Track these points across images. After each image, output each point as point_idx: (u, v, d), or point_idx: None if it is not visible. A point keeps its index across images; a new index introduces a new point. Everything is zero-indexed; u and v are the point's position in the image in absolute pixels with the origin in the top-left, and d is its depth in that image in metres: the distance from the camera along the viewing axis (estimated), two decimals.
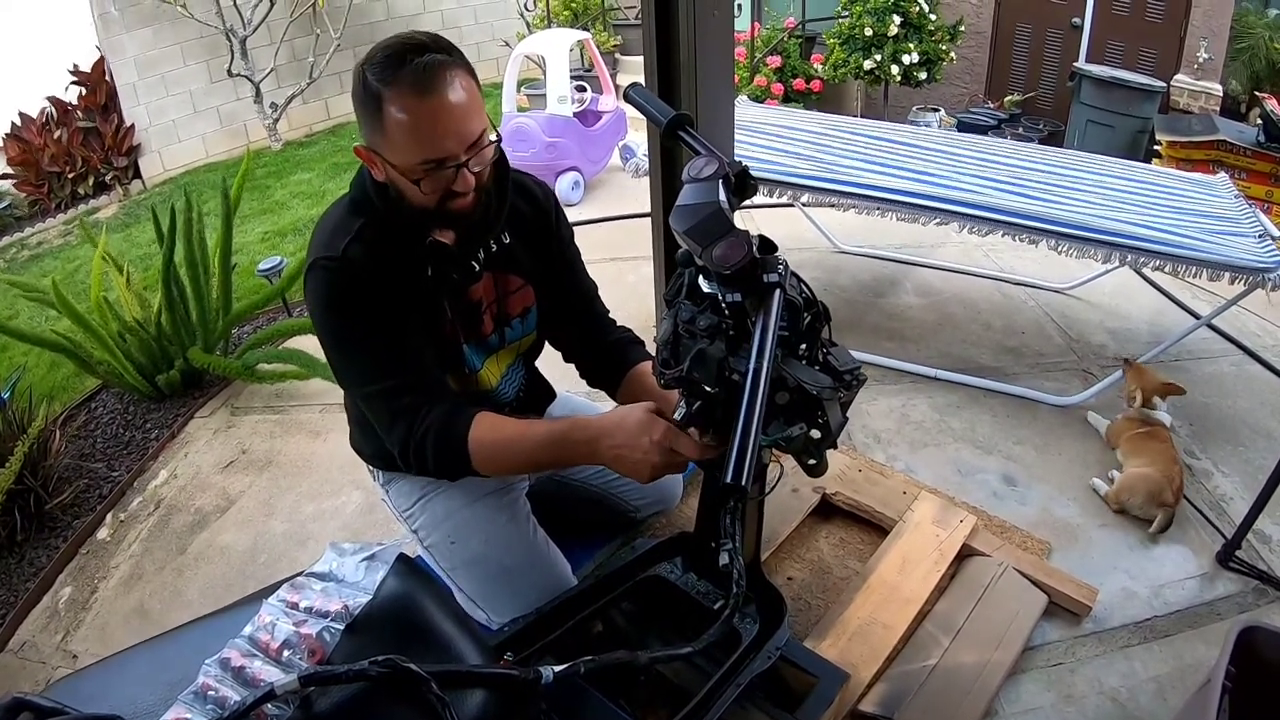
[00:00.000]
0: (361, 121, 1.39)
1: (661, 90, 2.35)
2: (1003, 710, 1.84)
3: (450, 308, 1.58)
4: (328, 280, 1.45)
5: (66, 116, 6.02)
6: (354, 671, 0.97)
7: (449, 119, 1.34)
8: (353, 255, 1.44)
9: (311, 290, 1.48)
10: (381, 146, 1.38)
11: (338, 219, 1.50)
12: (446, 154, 1.36)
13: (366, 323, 1.47)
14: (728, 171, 1.25)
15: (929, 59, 6.17)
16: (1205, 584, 2.17)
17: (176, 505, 2.66)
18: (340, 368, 1.54)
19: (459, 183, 1.39)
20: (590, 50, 5.60)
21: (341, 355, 1.52)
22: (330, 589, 1.19)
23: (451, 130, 1.35)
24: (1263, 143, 4.62)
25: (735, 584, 1.14)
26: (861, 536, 2.28)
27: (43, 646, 2.21)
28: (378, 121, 1.35)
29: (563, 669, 1.09)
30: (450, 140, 1.35)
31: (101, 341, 2.97)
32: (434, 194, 1.39)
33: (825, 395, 1.18)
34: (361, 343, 1.49)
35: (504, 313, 1.69)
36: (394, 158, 1.37)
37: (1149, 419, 2.53)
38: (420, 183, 1.37)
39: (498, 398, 1.77)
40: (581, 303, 1.81)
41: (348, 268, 1.44)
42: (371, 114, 1.35)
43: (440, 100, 1.32)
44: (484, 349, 1.69)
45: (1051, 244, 2.61)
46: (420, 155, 1.35)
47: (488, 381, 1.72)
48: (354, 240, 1.45)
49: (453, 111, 1.34)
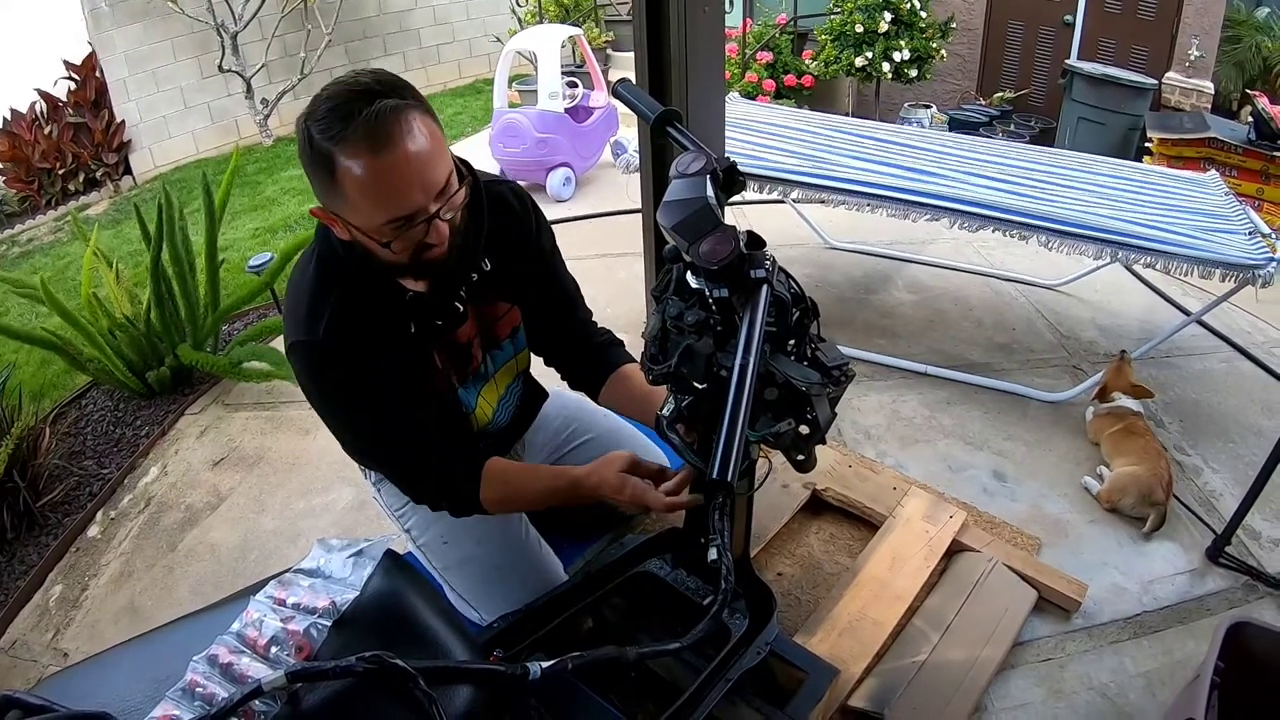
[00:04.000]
0: (314, 182, 1.27)
1: (652, 86, 2.34)
2: (992, 706, 1.84)
3: (439, 357, 1.55)
4: (309, 363, 1.41)
5: (57, 112, 5.99)
6: (341, 668, 0.97)
7: (411, 172, 1.22)
8: (330, 336, 1.37)
9: (296, 370, 1.45)
10: (341, 209, 1.27)
11: (310, 291, 1.40)
12: (414, 209, 1.25)
13: (355, 396, 1.45)
14: (715, 167, 1.24)
15: (920, 56, 6.17)
16: (1195, 580, 2.17)
17: (167, 503, 2.65)
18: (339, 437, 1.56)
19: (432, 235, 1.29)
20: (582, 46, 5.59)
21: (338, 426, 1.54)
22: (318, 585, 1.19)
23: (416, 183, 1.23)
24: (1253, 140, 4.63)
25: (724, 580, 1.14)
26: (851, 532, 2.29)
27: (33, 645, 2.21)
28: (332, 184, 1.23)
29: (550, 665, 1.09)
30: (416, 194, 1.24)
31: (91, 339, 2.96)
32: (405, 251, 1.30)
33: (813, 391, 1.19)
34: (354, 415, 1.49)
35: (492, 338, 1.66)
36: (357, 220, 1.26)
37: (1119, 410, 2.54)
38: (390, 244, 1.27)
39: (494, 428, 1.77)
40: (564, 311, 1.78)
41: (327, 350, 1.38)
42: (324, 176, 1.23)
43: (399, 153, 1.20)
44: (477, 382, 1.67)
45: (1042, 240, 2.61)
46: (385, 215, 1.24)
47: (483, 416, 1.71)
48: (330, 318, 1.36)
49: (414, 162, 1.22)
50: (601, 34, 7.46)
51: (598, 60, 5.80)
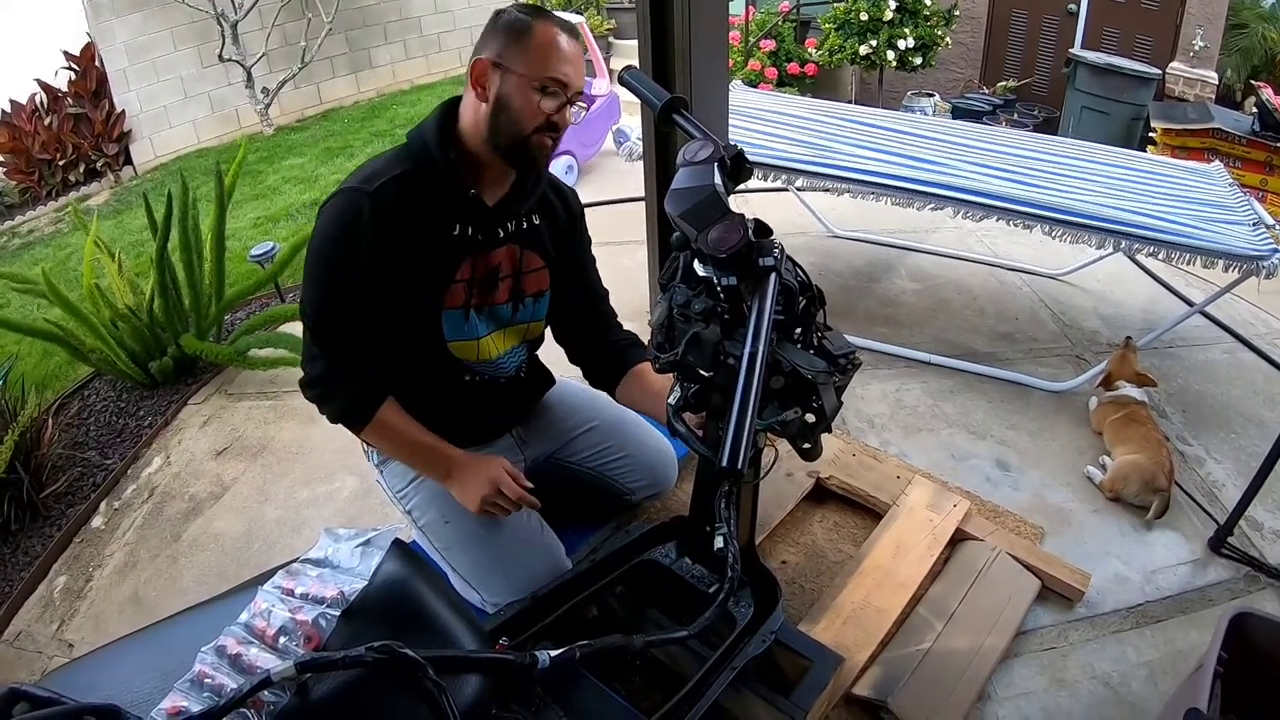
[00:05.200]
0: (493, 42, 1.50)
1: (656, 74, 2.34)
2: (996, 694, 1.85)
3: (468, 267, 1.62)
4: (350, 208, 1.50)
5: (57, 103, 5.97)
6: (350, 658, 0.97)
7: (578, 62, 1.53)
8: (383, 195, 1.50)
9: (329, 211, 1.52)
10: (515, 59, 1.48)
11: (385, 160, 1.56)
12: (570, 83, 1.51)
13: (359, 265, 1.51)
14: (723, 155, 1.24)
15: (924, 44, 6.16)
16: (1197, 570, 2.18)
17: (170, 493, 2.65)
18: (307, 292, 1.58)
19: (560, 116, 1.52)
20: (584, 34, 5.57)
21: (319, 280, 1.56)
22: (326, 575, 1.19)
23: (578, 70, 1.53)
24: (1258, 131, 4.62)
25: (730, 568, 1.15)
26: (855, 521, 2.29)
27: (38, 636, 2.21)
28: (522, 39, 1.48)
29: (558, 653, 1.10)
30: (576, 77, 1.52)
31: (93, 329, 2.95)
32: (541, 116, 1.50)
33: (820, 380, 1.19)
34: (343, 280, 1.53)
35: (520, 288, 1.74)
36: (527, 69, 1.48)
37: (1123, 399, 2.53)
38: (540, 96, 1.49)
39: (498, 369, 1.79)
40: (590, 302, 1.91)
41: (373, 205, 1.49)
42: (515, 34, 1.48)
43: (576, 46, 1.53)
44: (494, 319, 1.73)
45: (1046, 230, 2.61)
46: (552, 71, 1.48)
47: (489, 351, 1.74)
48: (391, 182, 1.51)
49: (578, 60, 1.53)
50: (604, 21, 7.43)
51: (600, 48, 5.77)
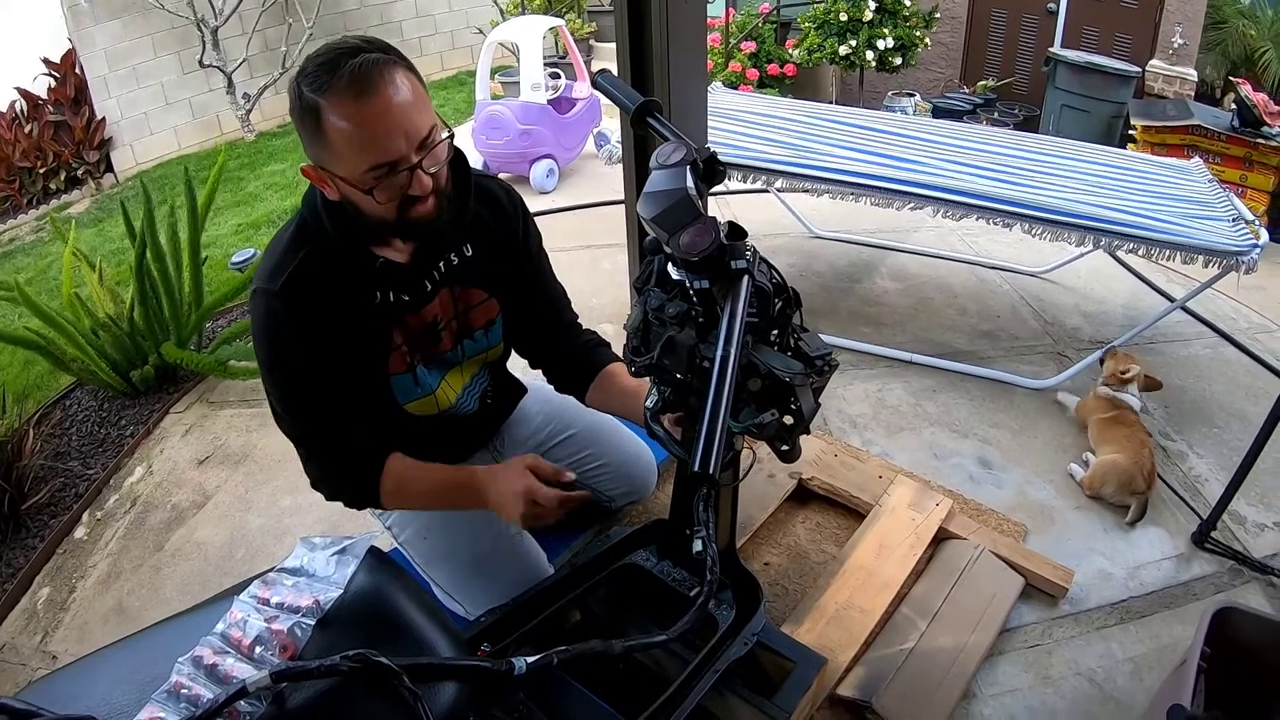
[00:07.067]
0: (304, 139, 1.32)
1: (634, 77, 2.34)
2: (980, 692, 1.85)
3: (401, 333, 1.55)
4: (264, 311, 1.43)
5: (37, 111, 5.94)
6: (326, 666, 0.97)
7: (392, 118, 1.26)
8: (290, 290, 1.40)
9: (251, 316, 1.47)
10: (327, 161, 1.31)
11: (284, 247, 1.44)
12: (396, 155, 1.28)
13: (296, 358, 1.45)
14: (695, 157, 1.24)
15: (904, 44, 6.17)
16: (1181, 565, 2.19)
17: (153, 502, 2.63)
18: (269, 393, 1.54)
19: (415, 186, 1.32)
20: (564, 37, 5.57)
21: (271, 383, 1.52)
22: (301, 584, 1.18)
23: (397, 129, 1.27)
24: (1237, 127, 4.64)
25: (709, 570, 1.15)
26: (838, 521, 2.29)
27: (22, 648, 2.19)
28: (319, 135, 1.27)
29: (536, 659, 1.10)
30: (398, 140, 1.27)
31: (73, 339, 2.94)
32: (391, 203, 1.32)
33: (797, 381, 1.19)
34: (289, 376, 1.49)
35: (465, 327, 1.66)
36: (342, 170, 1.30)
37: (1117, 401, 2.54)
38: (374, 192, 1.30)
39: (458, 412, 1.75)
40: (549, 314, 1.80)
41: (283, 304, 1.40)
42: (312, 128, 1.28)
43: (381, 100, 1.24)
44: (442, 366, 1.67)
45: (1026, 228, 2.62)
46: (368, 161, 1.27)
47: (445, 400, 1.70)
48: (295, 273, 1.40)
49: (396, 110, 1.26)
50: (584, 25, 7.43)
51: (580, 51, 5.78)
